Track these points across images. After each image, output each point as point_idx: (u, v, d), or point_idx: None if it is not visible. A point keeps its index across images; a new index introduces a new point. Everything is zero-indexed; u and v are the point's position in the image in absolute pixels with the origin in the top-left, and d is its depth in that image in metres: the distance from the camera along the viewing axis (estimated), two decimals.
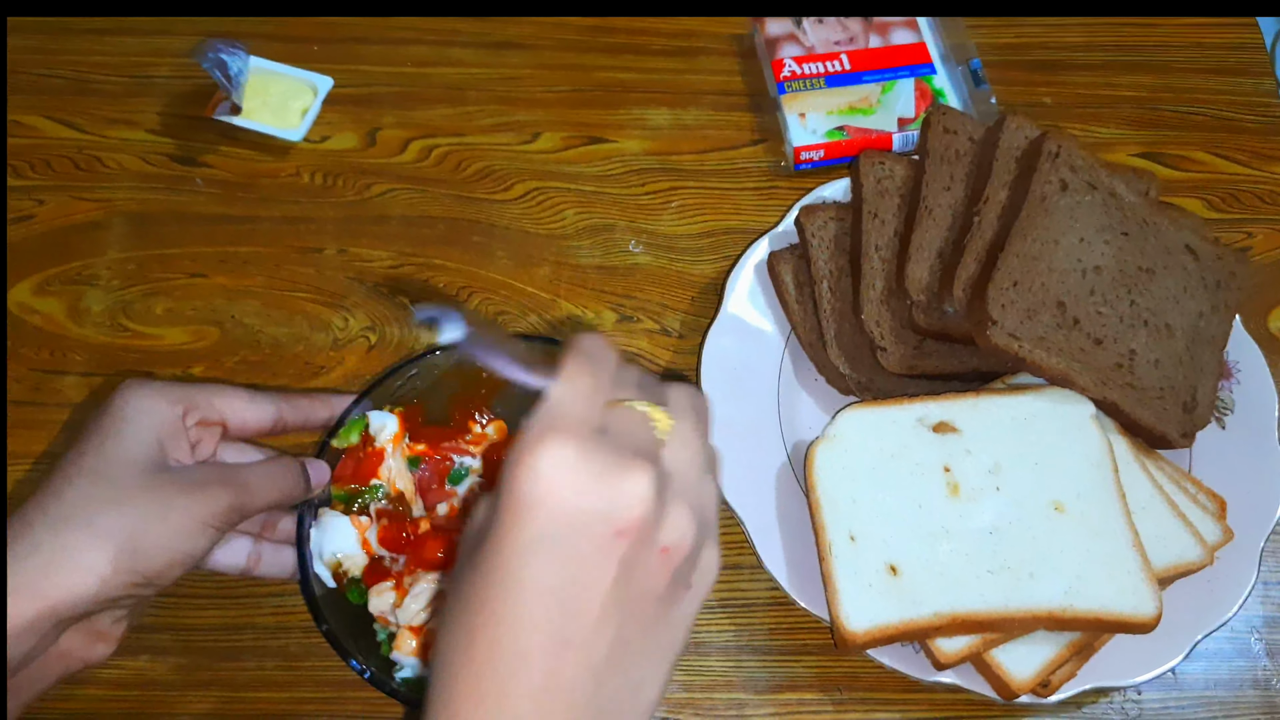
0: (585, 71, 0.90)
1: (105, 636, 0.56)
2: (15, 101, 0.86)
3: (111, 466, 0.53)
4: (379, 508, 0.64)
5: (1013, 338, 0.67)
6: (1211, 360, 0.73)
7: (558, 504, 0.40)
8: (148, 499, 0.53)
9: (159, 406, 0.56)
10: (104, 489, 0.52)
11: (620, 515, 0.40)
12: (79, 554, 0.50)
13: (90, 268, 0.80)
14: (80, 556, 0.50)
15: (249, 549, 0.62)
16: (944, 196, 0.75)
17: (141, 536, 0.52)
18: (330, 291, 0.80)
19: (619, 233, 0.83)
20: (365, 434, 0.66)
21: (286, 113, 0.84)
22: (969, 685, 0.66)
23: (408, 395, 0.67)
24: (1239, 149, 0.89)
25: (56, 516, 0.51)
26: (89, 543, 0.50)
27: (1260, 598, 0.72)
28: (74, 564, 0.50)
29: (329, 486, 0.64)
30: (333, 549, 0.62)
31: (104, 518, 0.51)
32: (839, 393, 0.75)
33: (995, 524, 0.66)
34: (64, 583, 0.49)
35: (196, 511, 0.54)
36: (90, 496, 0.52)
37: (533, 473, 0.40)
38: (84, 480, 0.52)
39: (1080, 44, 0.93)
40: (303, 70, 0.85)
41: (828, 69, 0.87)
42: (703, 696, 0.69)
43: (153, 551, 0.52)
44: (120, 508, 0.52)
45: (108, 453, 0.53)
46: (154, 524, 0.52)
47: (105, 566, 0.50)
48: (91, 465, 0.53)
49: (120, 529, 0.51)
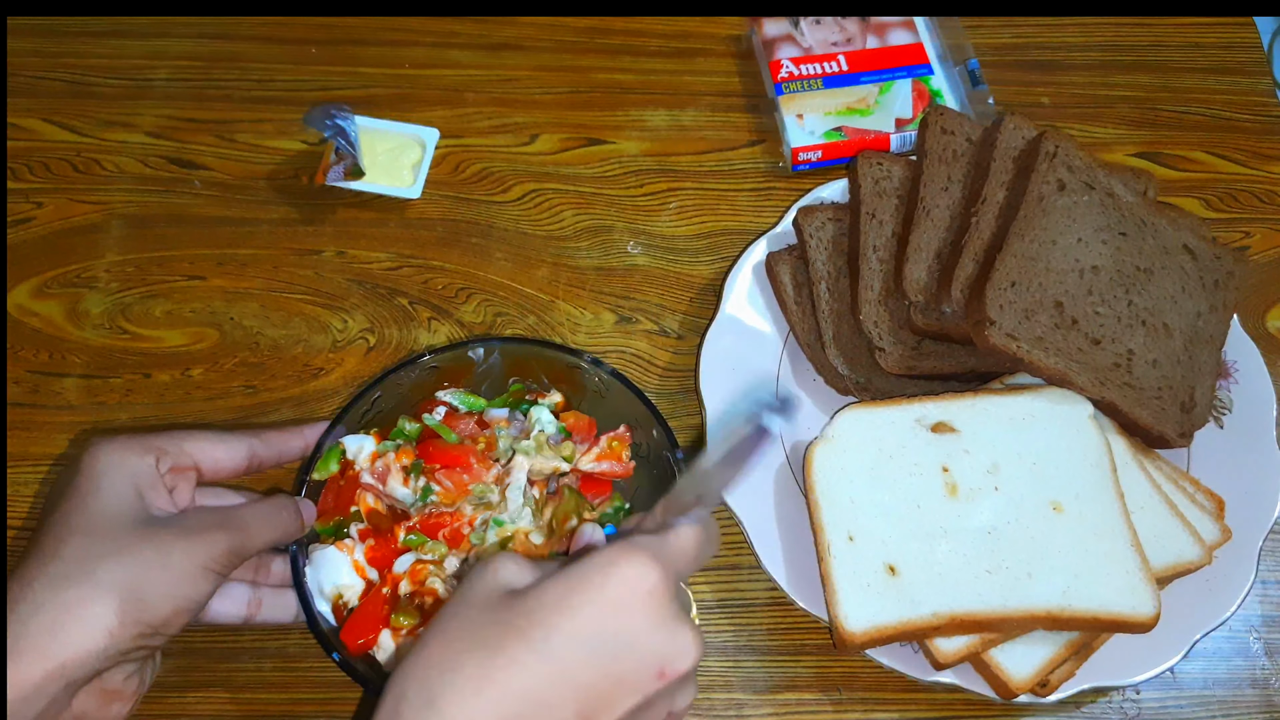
0: (583, 73, 0.90)
1: (120, 695, 0.54)
2: (14, 104, 0.86)
3: (101, 521, 0.52)
4: (360, 529, 0.64)
5: (1011, 338, 0.68)
6: (1210, 360, 0.73)
7: (629, 620, 0.43)
8: (146, 548, 0.52)
9: (129, 459, 0.55)
10: (100, 544, 0.51)
11: (668, 661, 0.44)
12: (83, 609, 0.49)
13: (89, 270, 0.80)
14: (84, 611, 0.49)
15: (248, 596, 0.62)
16: (942, 197, 0.76)
17: (144, 586, 0.51)
18: (329, 293, 0.80)
19: (617, 234, 0.83)
20: (344, 460, 0.66)
21: (398, 169, 0.83)
22: (968, 685, 0.66)
23: (379, 417, 0.68)
24: (1237, 149, 0.89)
25: (56, 574, 0.50)
26: (92, 596, 0.50)
27: (1259, 597, 0.72)
28: (79, 620, 0.49)
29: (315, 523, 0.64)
30: (331, 582, 0.62)
31: (105, 571, 0.51)
32: (837, 393, 0.75)
33: (994, 524, 0.66)
34: (71, 640, 0.49)
35: (196, 556, 0.53)
36: (88, 552, 0.51)
37: (624, 578, 0.44)
38: (77, 539, 0.51)
39: (1078, 44, 0.93)
40: (407, 125, 0.84)
41: (825, 70, 0.87)
42: (701, 697, 0.69)
43: (156, 600, 0.52)
44: (119, 559, 0.51)
45: (92, 510, 0.53)
46: (155, 572, 0.52)
47: (111, 619, 0.50)
48: (81, 524, 0.52)
49: (122, 580, 0.51)
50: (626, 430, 0.68)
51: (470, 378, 0.70)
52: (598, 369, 0.68)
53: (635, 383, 0.77)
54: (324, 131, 0.79)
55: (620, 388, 0.67)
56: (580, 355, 0.68)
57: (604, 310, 0.81)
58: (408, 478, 0.66)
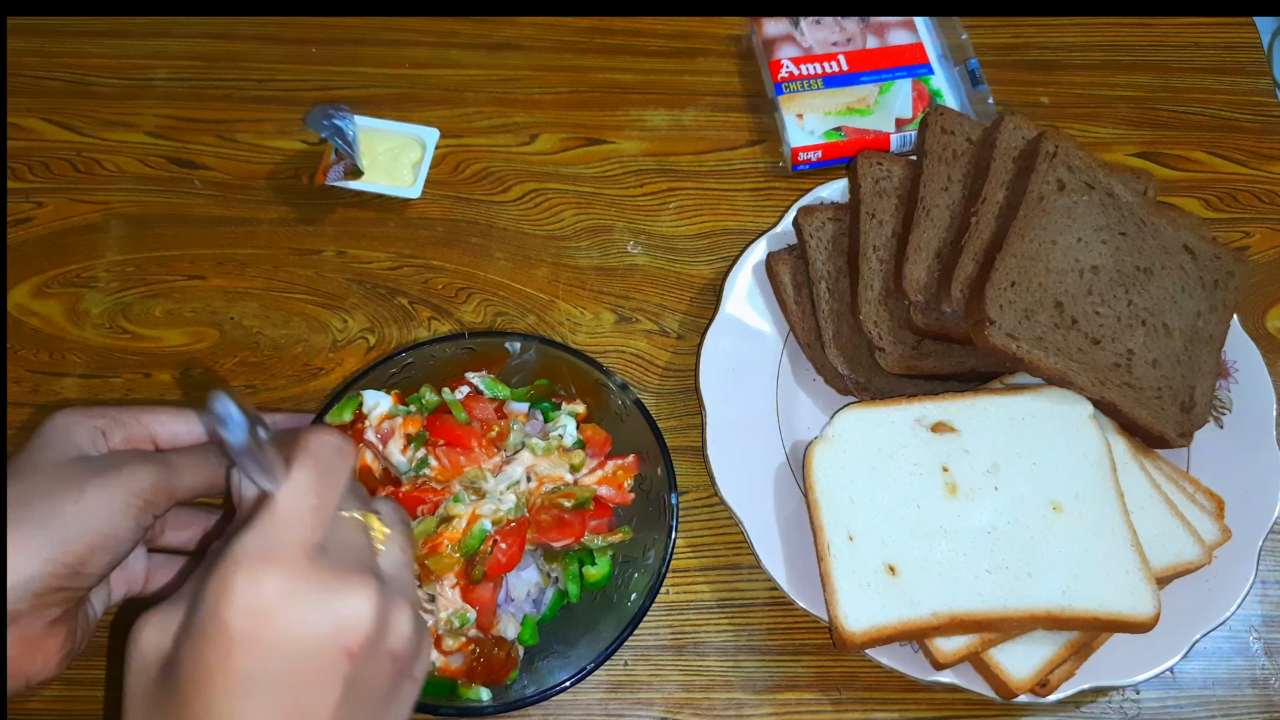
0: (583, 73, 0.90)
1: (41, 647, 0.51)
2: (14, 104, 0.86)
3: (27, 470, 0.51)
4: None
5: (1010, 338, 0.68)
6: (1209, 359, 0.73)
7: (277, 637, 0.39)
8: (60, 486, 0.50)
9: (74, 420, 0.54)
10: (19, 487, 0.50)
11: (346, 635, 0.40)
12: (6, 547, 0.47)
13: (89, 270, 0.80)
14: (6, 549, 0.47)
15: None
16: (942, 197, 0.76)
17: (54, 519, 0.49)
18: (329, 293, 0.80)
19: (617, 234, 0.83)
20: (358, 412, 0.66)
21: (398, 169, 0.83)
22: (967, 685, 0.66)
23: (404, 382, 0.68)
24: (1237, 148, 0.89)
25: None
26: (11, 538, 0.48)
27: (1258, 597, 0.72)
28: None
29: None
30: None
31: (17, 511, 0.49)
32: (837, 393, 0.75)
33: (993, 524, 0.66)
34: None
35: (114, 490, 0.50)
36: (20, 495, 0.49)
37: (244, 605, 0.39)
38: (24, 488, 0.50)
39: (1078, 44, 0.93)
40: (407, 124, 0.84)
41: (825, 70, 0.87)
42: (701, 696, 0.69)
43: (69, 535, 0.49)
44: (31, 500, 0.49)
45: (20, 462, 0.52)
46: (68, 506, 0.49)
47: (18, 556, 0.47)
48: (11, 472, 0.51)
49: (30, 518, 0.48)
50: (635, 461, 0.68)
51: (502, 368, 0.71)
52: (624, 394, 0.68)
53: (635, 382, 0.77)
54: (322, 131, 0.79)
55: (639, 418, 0.67)
56: (611, 376, 0.68)
57: (604, 310, 0.81)
58: (408, 446, 0.66)
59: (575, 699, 0.68)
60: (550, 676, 0.62)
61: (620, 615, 0.64)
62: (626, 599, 0.65)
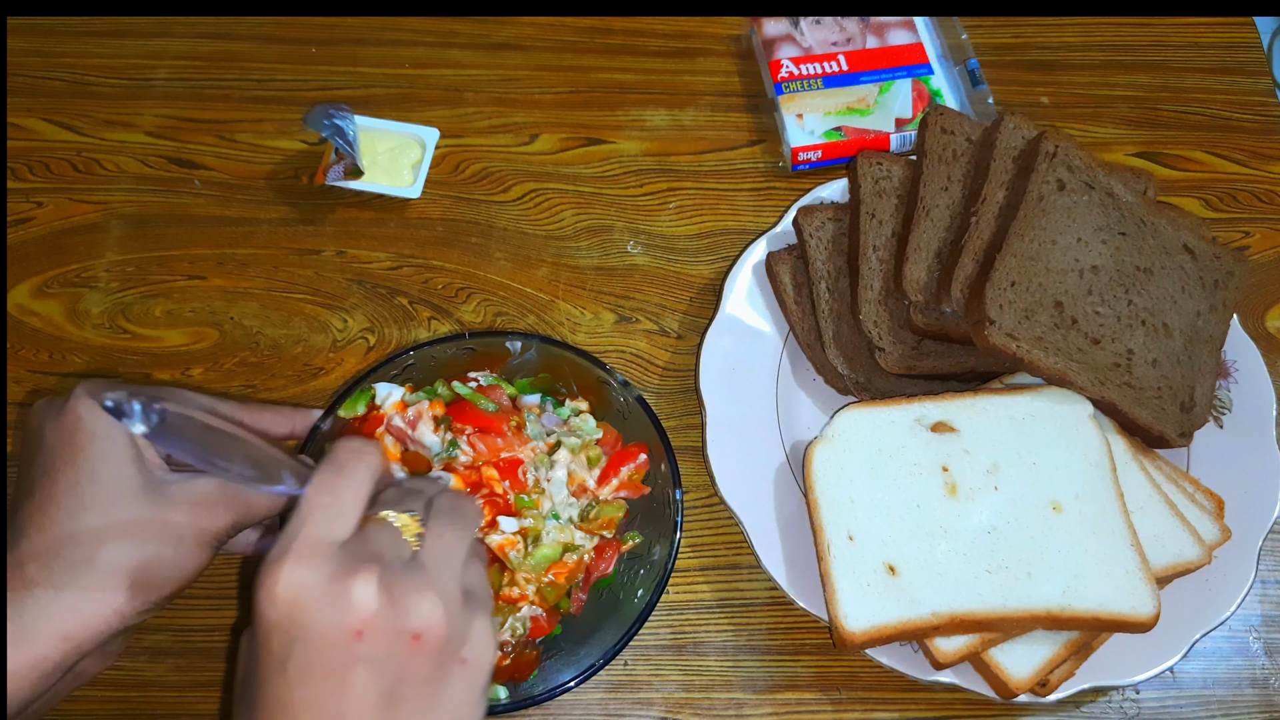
0: (583, 73, 0.90)
1: (111, 653, 0.56)
2: (14, 104, 0.86)
3: (99, 491, 0.51)
4: None
5: (1010, 337, 0.68)
6: (1209, 359, 0.73)
7: (297, 622, 0.43)
8: (155, 526, 0.52)
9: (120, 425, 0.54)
10: (101, 517, 0.51)
11: (351, 616, 0.44)
12: (99, 595, 0.50)
13: (89, 270, 0.80)
14: (100, 596, 0.50)
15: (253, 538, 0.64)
16: (941, 197, 0.76)
17: (155, 568, 0.52)
18: (329, 293, 0.80)
19: (617, 234, 0.83)
20: (370, 404, 0.66)
21: (398, 169, 0.83)
22: (967, 684, 0.66)
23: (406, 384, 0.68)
24: (1236, 148, 0.89)
25: (73, 559, 0.50)
26: (102, 584, 0.50)
27: (1258, 596, 0.72)
28: (95, 604, 0.50)
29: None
30: None
31: (109, 553, 0.51)
32: (837, 393, 0.75)
33: (993, 523, 0.66)
34: (88, 623, 0.50)
35: (203, 533, 0.54)
36: (87, 528, 0.51)
37: (271, 597, 0.44)
38: (87, 514, 0.51)
39: (1077, 44, 0.93)
40: (407, 124, 0.84)
41: (825, 70, 0.87)
42: (701, 696, 0.69)
43: (164, 578, 0.52)
44: (126, 540, 0.51)
45: (85, 474, 0.51)
46: (165, 551, 0.52)
47: (123, 603, 0.51)
48: (78, 492, 0.51)
49: (132, 564, 0.51)
50: (645, 460, 0.68)
51: (504, 368, 0.71)
52: (626, 390, 0.68)
53: (635, 382, 0.77)
54: (322, 131, 0.79)
55: (641, 414, 0.67)
56: (613, 374, 0.68)
57: (604, 310, 0.81)
58: (438, 427, 0.66)
59: (576, 699, 0.68)
60: (556, 676, 0.62)
61: (626, 613, 0.64)
62: (632, 596, 0.65)
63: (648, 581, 0.64)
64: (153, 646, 0.68)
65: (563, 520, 0.65)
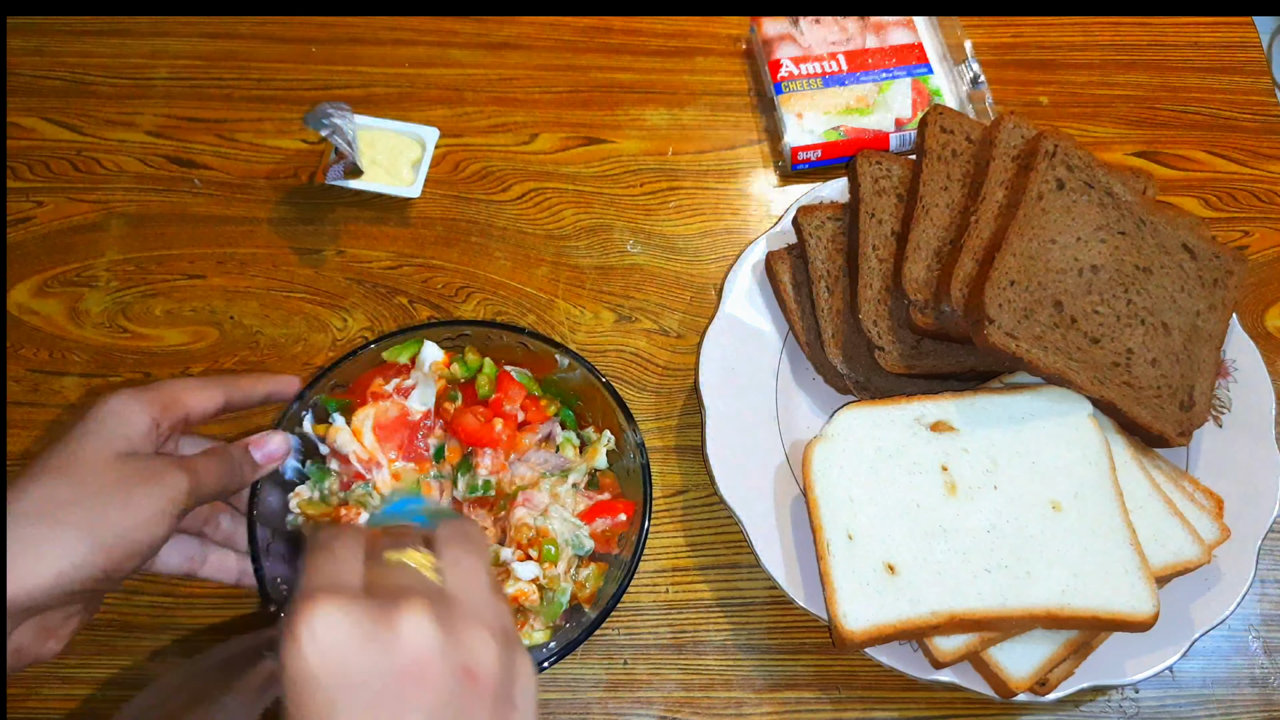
0: (583, 72, 0.90)
1: (55, 634, 0.54)
2: (14, 103, 0.86)
3: (77, 465, 0.52)
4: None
5: (1010, 337, 0.68)
6: (1209, 358, 0.73)
7: (335, 672, 0.39)
8: (111, 491, 0.52)
9: (132, 410, 0.55)
10: (68, 484, 0.51)
11: (401, 656, 0.40)
12: (40, 546, 0.49)
13: (89, 269, 0.80)
14: (41, 549, 0.49)
15: (194, 550, 0.61)
16: (941, 196, 0.76)
17: (104, 528, 0.50)
18: (329, 292, 0.80)
19: (617, 233, 0.83)
20: (413, 358, 0.68)
21: (398, 169, 0.83)
22: (967, 684, 0.66)
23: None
24: (1236, 148, 0.89)
25: (20, 511, 0.49)
26: (50, 536, 0.49)
27: (1258, 596, 0.73)
28: (36, 557, 0.48)
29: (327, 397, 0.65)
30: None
31: (66, 512, 0.50)
32: (837, 392, 0.75)
33: (993, 522, 0.66)
34: (21, 576, 0.48)
35: (158, 499, 0.53)
36: (54, 492, 0.51)
37: (302, 651, 0.39)
38: (49, 477, 0.51)
39: (1077, 43, 0.94)
40: (407, 124, 0.84)
41: (825, 69, 0.87)
42: (700, 695, 0.69)
43: (114, 543, 0.51)
44: (83, 503, 0.51)
45: (74, 452, 0.53)
46: (116, 513, 0.51)
47: (64, 561, 0.49)
48: (58, 464, 0.52)
49: (83, 522, 0.50)
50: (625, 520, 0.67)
51: (546, 377, 0.70)
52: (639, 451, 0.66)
53: (635, 381, 0.78)
54: (322, 131, 0.79)
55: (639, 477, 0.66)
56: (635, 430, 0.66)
57: (604, 309, 0.81)
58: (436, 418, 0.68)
59: (574, 697, 0.68)
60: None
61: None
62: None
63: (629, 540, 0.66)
64: (152, 646, 0.68)
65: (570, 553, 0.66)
